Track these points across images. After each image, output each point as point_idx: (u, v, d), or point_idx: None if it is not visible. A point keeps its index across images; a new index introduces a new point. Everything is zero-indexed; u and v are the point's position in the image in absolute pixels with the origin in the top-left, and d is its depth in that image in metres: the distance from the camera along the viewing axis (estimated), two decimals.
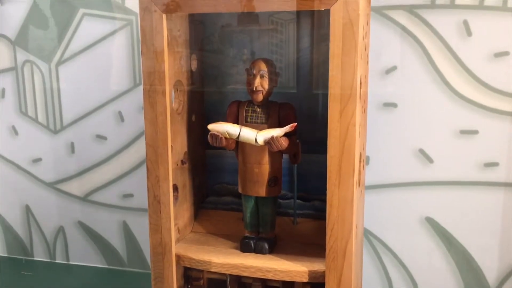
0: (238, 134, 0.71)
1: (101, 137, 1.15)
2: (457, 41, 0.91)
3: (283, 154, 0.78)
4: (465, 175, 0.95)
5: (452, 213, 0.97)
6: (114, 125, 1.14)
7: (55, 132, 1.18)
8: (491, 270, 0.97)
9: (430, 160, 0.96)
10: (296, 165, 0.81)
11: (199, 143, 0.88)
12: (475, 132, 0.93)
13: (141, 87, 1.07)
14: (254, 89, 0.73)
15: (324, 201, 0.77)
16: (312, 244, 0.79)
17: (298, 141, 0.76)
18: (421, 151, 0.96)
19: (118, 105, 1.13)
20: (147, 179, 0.76)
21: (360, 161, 0.73)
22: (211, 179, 0.91)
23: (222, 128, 0.71)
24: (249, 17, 0.84)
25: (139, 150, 1.13)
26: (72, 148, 1.18)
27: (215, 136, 0.72)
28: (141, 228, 1.17)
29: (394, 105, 0.96)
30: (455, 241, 0.98)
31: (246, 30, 0.85)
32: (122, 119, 1.13)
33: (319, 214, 0.82)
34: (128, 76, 1.11)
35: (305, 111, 0.83)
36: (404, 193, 0.98)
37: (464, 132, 0.94)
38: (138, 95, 1.11)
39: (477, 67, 0.91)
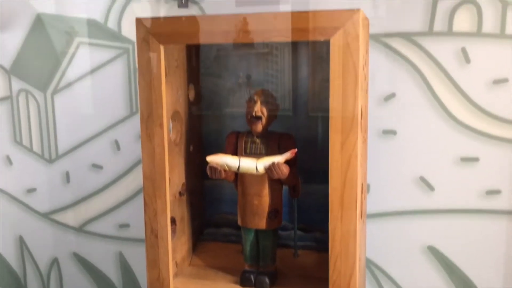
0: (237, 166, 0.69)
1: (97, 166, 1.14)
2: (455, 68, 0.91)
3: (283, 186, 0.76)
4: (467, 203, 0.94)
5: (454, 241, 0.95)
6: (110, 153, 1.12)
7: (50, 161, 1.16)
8: None
9: (431, 188, 0.95)
10: (296, 199, 0.79)
11: (197, 174, 0.86)
12: (476, 159, 0.92)
13: (137, 115, 1.07)
14: (254, 115, 0.72)
15: (326, 232, 0.76)
16: (314, 277, 0.77)
17: (298, 176, 0.75)
18: (422, 179, 0.95)
19: (115, 133, 1.11)
20: (144, 213, 0.74)
21: (361, 192, 0.72)
22: (209, 210, 0.89)
23: (221, 160, 0.70)
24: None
25: (135, 179, 1.12)
26: (67, 177, 1.16)
27: (214, 169, 0.71)
28: (138, 259, 1.15)
29: (393, 132, 0.95)
30: (458, 270, 0.96)
31: (241, 54, 0.85)
32: (119, 148, 1.12)
33: (321, 246, 0.81)
34: (124, 104, 1.10)
35: (301, 135, 0.82)
36: (405, 221, 0.97)
37: (464, 159, 0.93)
38: (134, 123, 1.10)
39: (476, 94, 0.91)
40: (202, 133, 0.87)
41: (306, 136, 0.83)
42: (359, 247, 0.67)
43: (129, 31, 1.06)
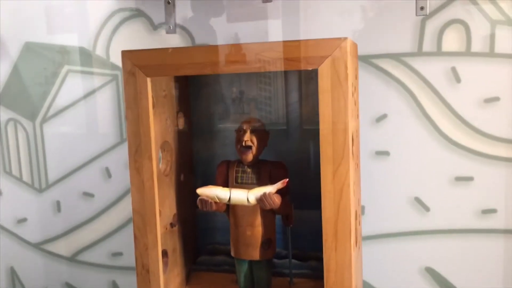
0: (228, 197, 0.68)
1: (88, 194, 1.12)
2: (446, 88, 0.90)
3: (276, 215, 0.75)
4: (463, 223, 0.93)
5: (452, 262, 0.94)
6: (101, 181, 1.11)
7: (40, 191, 1.15)
8: None
9: (427, 209, 0.94)
10: (289, 226, 0.78)
11: (189, 203, 0.85)
12: (470, 178, 0.91)
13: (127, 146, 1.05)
14: (244, 144, 0.71)
15: (321, 259, 0.74)
16: None
17: (291, 202, 0.73)
18: (417, 199, 0.94)
19: (105, 161, 1.10)
20: (134, 248, 0.72)
21: (356, 218, 0.70)
22: (201, 240, 0.88)
23: (212, 192, 0.69)
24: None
25: (127, 207, 1.10)
26: (58, 206, 1.14)
27: (204, 201, 0.69)
28: None
29: (386, 153, 0.94)
30: None
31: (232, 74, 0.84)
32: (110, 175, 1.10)
33: (316, 274, 0.79)
34: (114, 131, 1.08)
35: (295, 148, 0.81)
36: (402, 243, 0.96)
37: (459, 179, 0.92)
38: (125, 150, 1.08)
39: (468, 113, 0.90)
40: (193, 161, 0.86)
41: (300, 149, 0.82)
42: (355, 276, 0.66)
43: (118, 58, 1.05)
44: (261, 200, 0.67)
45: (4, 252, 1.19)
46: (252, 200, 0.68)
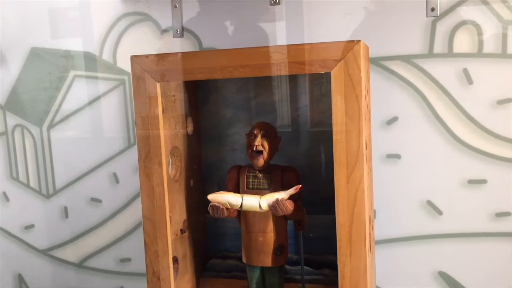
0: (240, 204, 0.67)
1: (95, 200, 1.11)
2: (458, 89, 0.89)
3: (288, 220, 0.74)
4: (476, 226, 0.91)
5: (466, 266, 0.92)
6: (109, 187, 1.10)
7: (48, 196, 1.14)
8: None
9: (439, 212, 0.92)
10: (301, 232, 0.77)
11: (199, 208, 0.84)
12: (483, 181, 0.90)
13: (135, 147, 1.04)
14: (255, 149, 0.69)
15: (333, 265, 0.73)
16: None
17: (303, 207, 0.72)
18: (429, 203, 0.93)
19: (113, 166, 1.09)
20: (145, 254, 0.71)
21: (369, 224, 0.69)
22: (212, 246, 0.87)
23: (223, 198, 0.68)
24: None
25: (135, 212, 1.09)
26: (65, 212, 1.13)
27: (216, 207, 0.68)
28: None
29: (398, 156, 0.93)
30: None
31: (241, 79, 0.83)
32: (117, 181, 1.09)
33: (329, 280, 0.78)
34: (122, 136, 1.07)
35: (301, 150, 0.80)
36: (414, 247, 0.94)
37: (472, 181, 0.90)
38: (133, 155, 1.08)
39: (480, 115, 0.89)
40: (202, 167, 0.85)
41: (306, 151, 0.81)
42: (370, 283, 0.65)
43: (124, 62, 1.05)
44: (273, 206, 0.66)
45: (12, 259, 1.18)
46: (265, 206, 0.67)
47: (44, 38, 1.08)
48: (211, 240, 0.87)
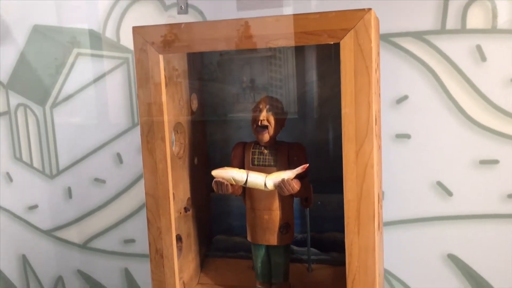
0: (245, 180, 0.65)
1: (99, 181, 1.10)
2: (470, 67, 0.86)
3: (294, 198, 0.72)
4: (487, 208, 0.89)
5: (476, 248, 0.90)
6: (113, 167, 1.08)
7: (51, 177, 1.13)
8: None
9: (449, 193, 0.90)
10: (308, 209, 0.75)
11: (203, 187, 0.82)
12: (495, 161, 0.87)
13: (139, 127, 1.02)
14: (260, 124, 0.67)
15: (340, 244, 0.72)
16: None
17: (310, 184, 0.70)
18: (439, 184, 0.90)
19: (117, 146, 1.08)
20: (148, 232, 0.70)
21: (378, 202, 0.67)
22: (217, 225, 0.85)
23: (228, 174, 0.66)
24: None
25: (140, 193, 1.08)
26: (69, 193, 1.12)
27: (220, 183, 0.66)
28: (144, 276, 1.11)
29: (407, 136, 0.91)
30: (481, 279, 0.91)
31: (245, 58, 0.81)
32: (121, 161, 1.08)
33: (336, 260, 0.76)
34: (126, 116, 1.06)
35: (308, 139, 0.78)
36: (423, 229, 0.92)
37: (483, 162, 0.88)
38: (137, 135, 1.06)
39: (493, 93, 0.86)
40: (207, 144, 0.83)
41: (311, 140, 0.79)
42: (378, 262, 0.63)
43: (128, 40, 1.03)
44: (279, 186, 0.64)
45: (15, 240, 1.18)
46: (270, 185, 0.65)
47: (46, 16, 1.06)
48: (216, 220, 0.85)
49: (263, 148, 0.69)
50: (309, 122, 0.81)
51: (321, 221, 0.79)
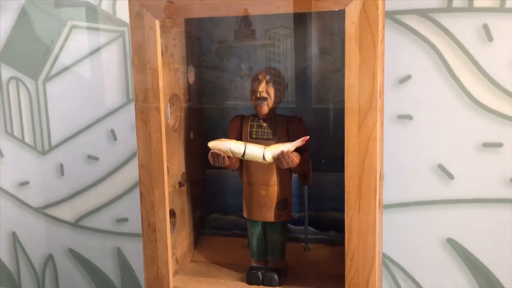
0: (243, 152, 0.63)
1: (92, 158, 1.07)
2: (477, 46, 0.84)
3: (293, 174, 0.70)
4: (489, 192, 0.87)
5: (476, 233, 0.88)
6: (106, 144, 1.06)
7: (43, 153, 1.10)
8: None
9: (451, 176, 0.88)
10: (307, 186, 0.73)
11: (198, 163, 0.80)
12: (499, 144, 0.85)
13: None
14: (259, 95, 0.65)
15: (338, 223, 0.70)
16: (327, 274, 0.70)
17: (309, 160, 0.68)
18: (440, 167, 0.88)
19: (111, 122, 1.05)
20: (140, 205, 0.67)
21: (379, 180, 0.65)
22: (212, 203, 0.83)
23: (225, 146, 0.63)
24: (246, 33, 0.77)
25: (133, 171, 1.05)
26: (61, 170, 1.09)
27: (216, 155, 0.64)
28: (136, 256, 1.08)
29: (409, 117, 0.88)
30: (480, 264, 0.89)
31: (243, 46, 0.79)
32: (115, 138, 1.05)
33: (334, 240, 0.74)
34: (121, 92, 1.03)
35: (308, 126, 0.75)
36: (422, 212, 0.90)
37: (487, 145, 0.86)
38: (131, 111, 1.03)
39: (499, 74, 0.84)
40: (204, 119, 0.81)
41: (309, 127, 0.77)
42: (378, 240, 0.61)
43: (124, 13, 0.99)
44: (278, 158, 0.62)
45: (5, 217, 1.15)
46: (269, 158, 0.63)
47: None
48: (211, 198, 0.83)
49: (261, 121, 0.67)
50: (308, 110, 0.78)
51: (319, 200, 0.77)
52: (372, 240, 0.59)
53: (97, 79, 1.04)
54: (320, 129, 0.77)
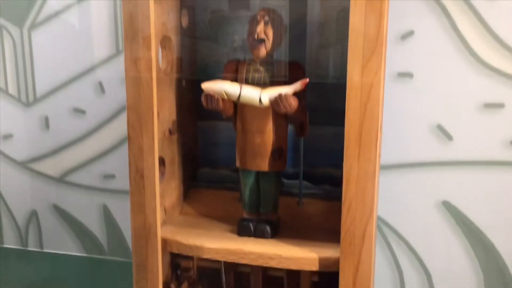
0: (238, 94, 0.59)
1: (79, 111, 1.03)
2: (484, 4, 0.81)
3: (289, 124, 0.67)
4: (488, 154, 0.85)
5: (472, 197, 0.87)
6: (94, 97, 1.02)
7: (28, 105, 1.06)
8: None
9: (449, 137, 0.86)
10: (303, 138, 0.70)
11: (190, 113, 0.76)
12: (501, 105, 0.83)
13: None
14: (256, 37, 0.61)
15: (335, 185, 0.68)
16: (321, 228, 0.68)
17: (306, 109, 0.65)
18: (439, 127, 0.86)
19: (99, 74, 1.01)
20: (128, 150, 0.64)
21: (380, 131, 0.62)
22: (203, 156, 0.80)
23: (219, 87, 0.60)
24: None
25: (122, 125, 1.01)
26: (46, 123, 1.05)
27: (210, 97, 0.60)
28: (123, 213, 1.05)
29: (410, 75, 0.85)
30: (475, 228, 0.87)
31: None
32: (103, 90, 1.01)
33: (328, 195, 0.72)
34: (110, 42, 0.98)
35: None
36: (418, 174, 0.88)
37: (488, 105, 0.83)
38: (121, 63, 0.98)
39: (506, 32, 0.81)
40: (197, 66, 0.77)
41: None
42: (377, 191, 0.58)
43: None
44: (275, 101, 0.59)
45: None
46: (265, 100, 0.59)
47: None
48: (203, 150, 0.80)
49: (258, 65, 0.63)
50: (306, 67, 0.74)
51: (315, 155, 0.74)
52: (371, 189, 0.57)
53: (85, 28, 0.99)
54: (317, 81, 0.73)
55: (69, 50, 1.01)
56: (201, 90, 0.62)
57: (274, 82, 0.62)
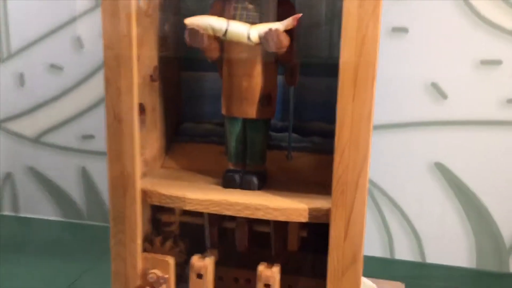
0: (225, 29, 0.55)
1: (56, 67, 0.98)
2: None
3: (278, 70, 0.63)
4: (484, 113, 0.82)
5: (466, 158, 0.84)
6: (72, 52, 0.96)
7: (1, 60, 1.00)
8: (506, 223, 0.85)
9: (444, 96, 0.83)
10: (293, 87, 0.66)
11: (173, 62, 0.72)
12: (498, 62, 0.80)
13: None
14: None
15: (325, 136, 0.64)
16: (311, 182, 0.64)
17: (297, 51, 0.61)
18: (434, 85, 0.83)
19: (77, 28, 0.95)
20: (105, 93, 0.60)
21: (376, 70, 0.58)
22: (187, 108, 0.75)
23: (204, 22, 0.55)
24: None
25: (101, 83, 0.96)
26: (21, 79, 1.00)
27: (194, 32, 0.56)
28: (103, 176, 1.01)
29: (405, 30, 0.82)
30: (468, 191, 0.85)
31: None
32: (82, 46, 0.96)
33: (318, 148, 0.68)
34: None
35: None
36: (411, 134, 0.85)
37: (485, 62, 0.80)
38: (100, 16, 0.93)
39: None
40: (181, 12, 0.72)
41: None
42: (370, 135, 0.54)
43: None
44: (265, 37, 0.54)
45: None
46: (254, 37, 0.55)
47: None
48: (186, 103, 0.75)
49: (247, 2, 0.59)
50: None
51: (305, 108, 0.70)
52: (366, 135, 0.53)
53: None
54: (309, 26, 0.69)
55: (46, 2, 0.95)
56: (185, 36, 0.58)
57: (264, 20, 0.58)
